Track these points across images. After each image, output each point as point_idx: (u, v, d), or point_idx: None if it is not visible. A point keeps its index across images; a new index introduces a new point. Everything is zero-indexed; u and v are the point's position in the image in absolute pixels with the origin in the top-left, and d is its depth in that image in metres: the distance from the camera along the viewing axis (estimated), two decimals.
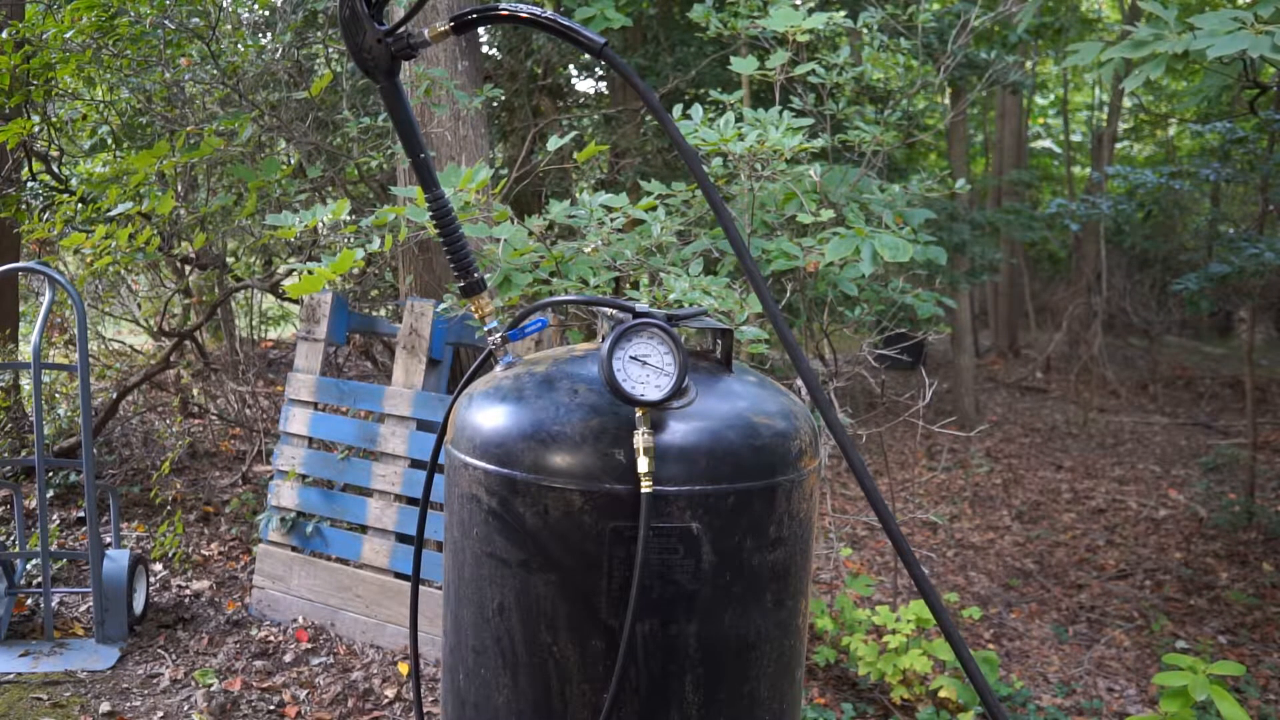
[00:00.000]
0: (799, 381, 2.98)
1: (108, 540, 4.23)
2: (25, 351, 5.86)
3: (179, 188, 5.10)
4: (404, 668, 3.50)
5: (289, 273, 5.44)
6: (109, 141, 5.43)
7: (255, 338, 7.57)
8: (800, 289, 3.48)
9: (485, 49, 7.17)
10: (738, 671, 1.33)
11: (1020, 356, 13.63)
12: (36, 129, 4.90)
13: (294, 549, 3.87)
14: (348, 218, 4.22)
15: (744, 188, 3.16)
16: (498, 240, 2.81)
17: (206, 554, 4.46)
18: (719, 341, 1.46)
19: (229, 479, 5.49)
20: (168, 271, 6.60)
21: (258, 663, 3.48)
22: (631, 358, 1.27)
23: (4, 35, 4.34)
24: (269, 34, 5.43)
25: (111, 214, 4.31)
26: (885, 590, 4.90)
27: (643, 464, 1.22)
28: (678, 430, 1.28)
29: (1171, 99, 13.66)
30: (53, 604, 3.62)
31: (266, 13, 5.55)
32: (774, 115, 3.06)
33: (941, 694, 3.41)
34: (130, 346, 7.05)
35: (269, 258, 6.38)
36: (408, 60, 1.44)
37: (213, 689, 3.26)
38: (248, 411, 6.05)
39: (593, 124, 7.77)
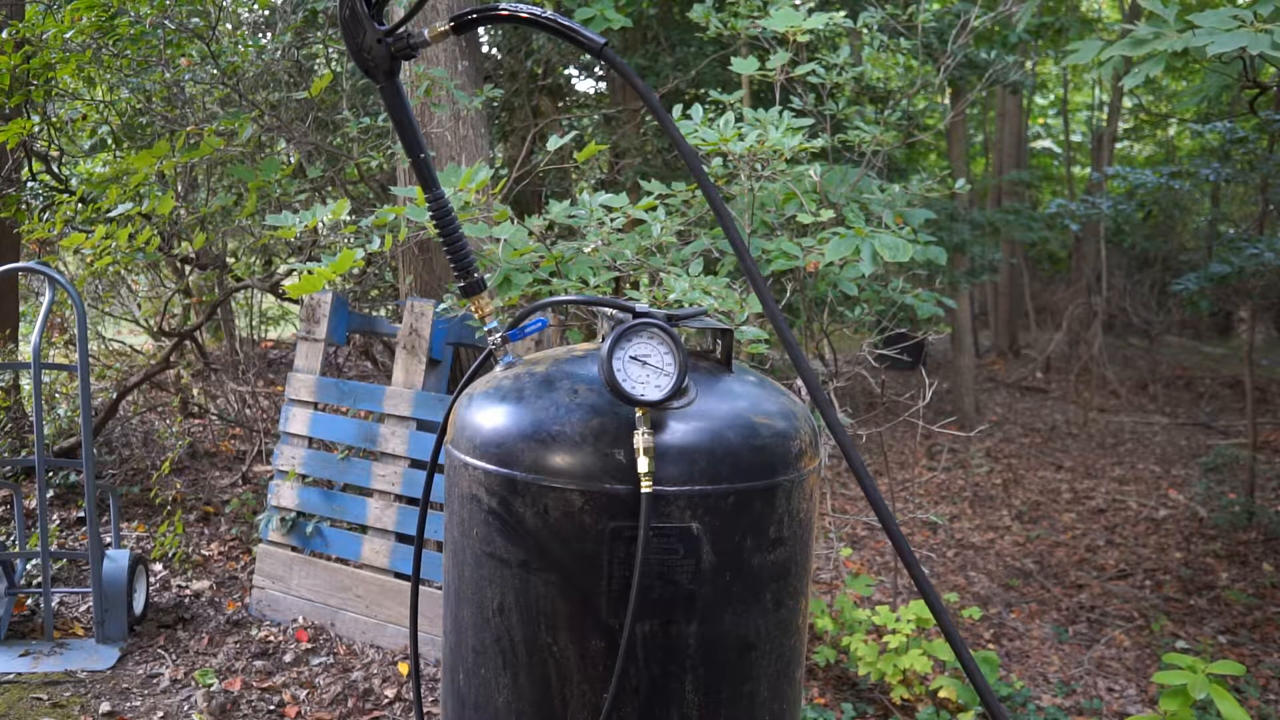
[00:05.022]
0: (799, 381, 2.98)
1: (108, 540, 4.22)
2: (25, 351, 5.86)
3: (179, 188, 5.10)
4: (404, 668, 3.50)
5: (289, 273, 5.44)
6: (109, 141, 5.43)
7: (255, 338, 7.57)
8: (800, 289, 3.48)
9: (485, 49, 7.17)
10: (738, 672, 1.33)
11: (1020, 356, 13.62)
12: (36, 129, 4.90)
13: (294, 549, 3.87)
14: (348, 218, 4.22)
15: (744, 188, 3.16)
16: (498, 240, 2.81)
17: (206, 554, 4.46)
18: (719, 341, 1.46)
19: (229, 479, 5.49)
20: (168, 271, 6.60)
21: (258, 663, 3.48)
22: (631, 358, 1.27)
23: (4, 35, 4.34)
24: (269, 34, 5.43)
25: (111, 214, 4.31)
26: (885, 590, 4.90)
27: (643, 464, 1.22)
28: (677, 430, 1.28)
29: (1171, 99, 13.65)
30: (53, 604, 3.62)
31: (266, 13, 5.55)
32: (774, 115, 3.06)
33: (941, 694, 3.41)
34: (130, 346, 7.05)
35: (269, 258, 6.38)
36: (408, 60, 1.44)
37: (213, 689, 3.26)
38: (248, 411, 6.05)
39: (593, 124, 7.77)
